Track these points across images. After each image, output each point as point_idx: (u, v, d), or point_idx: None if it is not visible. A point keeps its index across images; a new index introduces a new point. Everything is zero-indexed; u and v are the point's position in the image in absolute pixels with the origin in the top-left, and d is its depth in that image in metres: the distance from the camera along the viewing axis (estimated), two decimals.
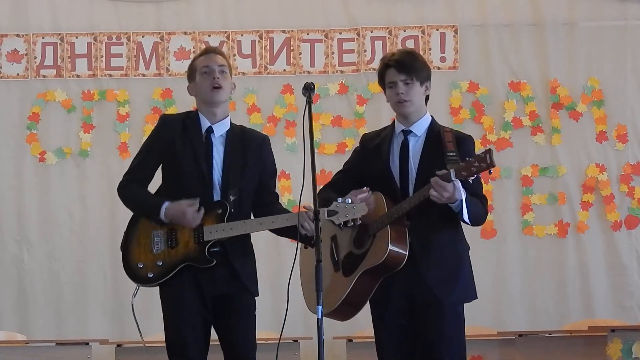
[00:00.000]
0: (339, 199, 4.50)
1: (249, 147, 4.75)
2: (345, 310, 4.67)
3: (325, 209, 4.46)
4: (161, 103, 7.47)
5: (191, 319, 4.61)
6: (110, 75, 7.50)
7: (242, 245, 4.71)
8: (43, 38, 7.49)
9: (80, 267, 7.34)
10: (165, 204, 4.63)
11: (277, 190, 4.92)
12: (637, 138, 7.50)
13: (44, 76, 7.48)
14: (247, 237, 4.73)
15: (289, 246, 7.03)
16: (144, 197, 4.76)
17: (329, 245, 4.76)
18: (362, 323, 4.91)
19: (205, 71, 4.72)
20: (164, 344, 4.76)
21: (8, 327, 7.09)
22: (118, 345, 6.55)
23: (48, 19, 7.51)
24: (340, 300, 4.61)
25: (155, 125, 4.90)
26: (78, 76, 7.49)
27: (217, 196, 4.66)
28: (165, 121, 4.86)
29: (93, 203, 7.39)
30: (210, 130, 4.73)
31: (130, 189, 4.79)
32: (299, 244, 4.56)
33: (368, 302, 4.68)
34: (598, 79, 7.52)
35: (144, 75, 7.51)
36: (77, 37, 7.50)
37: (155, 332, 6.87)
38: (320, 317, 4.13)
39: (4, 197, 7.38)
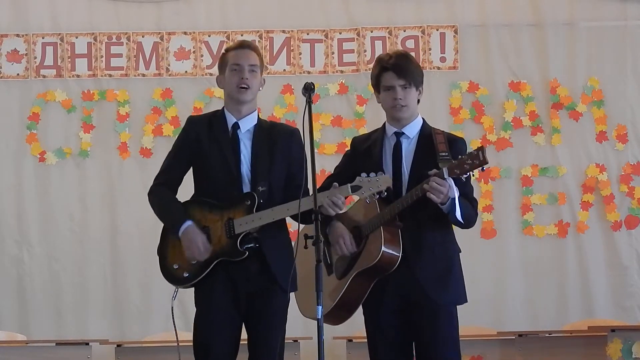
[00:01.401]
0: (363, 174, 4.47)
1: (277, 140, 4.72)
2: (338, 314, 4.66)
3: (349, 184, 4.45)
4: (161, 103, 7.47)
5: (221, 319, 4.58)
6: (110, 75, 7.50)
7: (278, 240, 4.67)
8: (43, 38, 7.49)
9: (80, 267, 7.34)
10: (187, 224, 4.62)
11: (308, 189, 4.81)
12: (637, 138, 7.50)
13: (44, 76, 7.48)
14: (282, 229, 4.71)
15: None
16: (169, 207, 4.72)
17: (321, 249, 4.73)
18: (362, 323, 4.91)
19: (235, 68, 4.70)
20: (164, 344, 4.76)
21: (8, 327, 7.09)
22: (118, 346, 6.54)
23: (48, 19, 7.51)
24: (334, 303, 4.60)
25: (182, 126, 4.88)
26: (78, 76, 7.49)
27: (246, 189, 4.64)
28: (191, 122, 4.84)
29: (93, 203, 7.38)
30: (236, 126, 4.71)
31: (159, 195, 4.77)
32: (298, 243, 4.54)
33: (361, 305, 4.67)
34: (598, 79, 7.52)
35: (144, 75, 7.51)
36: (77, 37, 7.50)
37: (154, 332, 6.91)
38: (320, 317, 4.13)
39: (4, 197, 7.37)
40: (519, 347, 6.34)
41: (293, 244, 4.68)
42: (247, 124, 4.73)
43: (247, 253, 4.57)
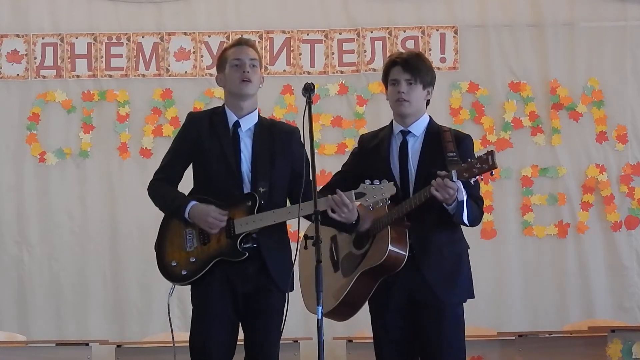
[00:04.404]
0: (367, 181, 4.47)
1: (278, 139, 4.71)
2: (343, 311, 4.68)
3: (353, 191, 4.45)
4: (161, 103, 7.47)
5: (218, 320, 4.57)
6: (110, 76, 7.50)
7: (277, 239, 4.66)
8: (43, 38, 7.49)
9: (80, 267, 7.34)
10: (192, 203, 4.62)
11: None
12: (637, 138, 7.50)
13: (44, 77, 7.48)
14: (282, 230, 4.70)
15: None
16: (172, 194, 4.72)
17: (328, 246, 4.77)
18: (362, 323, 4.91)
19: (236, 64, 4.69)
20: (164, 345, 4.76)
21: (8, 328, 7.09)
22: (118, 346, 6.54)
23: (48, 20, 7.51)
24: (339, 301, 4.62)
25: (182, 124, 4.87)
26: (78, 77, 7.49)
27: (246, 189, 4.62)
28: (192, 119, 4.83)
29: (93, 204, 7.38)
30: (237, 124, 4.70)
31: (159, 187, 4.76)
32: (299, 243, 4.55)
33: (367, 303, 4.68)
34: (598, 80, 7.52)
35: (144, 75, 7.51)
36: (77, 38, 7.50)
37: (154, 332, 6.91)
38: (320, 318, 4.13)
39: (3, 198, 7.37)
40: (519, 348, 6.34)
41: (294, 245, 4.68)
42: (248, 123, 4.72)
43: (246, 254, 4.56)
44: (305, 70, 7.53)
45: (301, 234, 4.55)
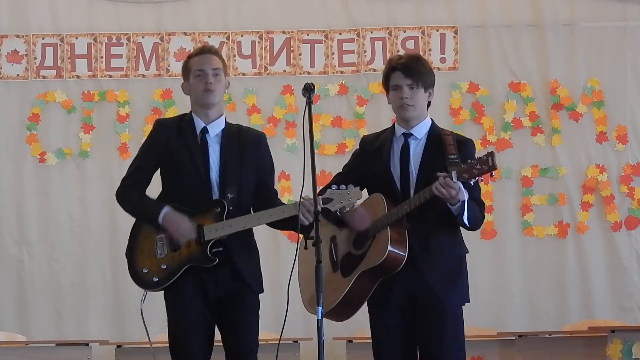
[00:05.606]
0: (333, 186, 4.55)
1: (246, 145, 4.76)
2: (342, 311, 4.68)
3: (320, 197, 4.50)
4: (161, 104, 7.47)
5: (194, 320, 4.63)
6: (110, 76, 7.50)
7: (245, 243, 4.72)
8: (43, 39, 7.49)
9: (80, 268, 7.34)
10: (166, 209, 4.65)
11: (277, 190, 4.93)
12: (637, 139, 7.50)
13: (44, 77, 7.48)
14: (249, 234, 4.75)
15: (289, 246, 7.04)
16: (144, 201, 4.77)
17: (328, 246, 4.78)
18: (362, 323, 4.90)
19: (198, 74, 4.74)
20: (164, 345, 4.77)
21: (8, 328, 7.09)
22: (118, 346, 6.55)
23: (48, 20, 7.51)
24: (338, 301, 4.62)
25: (150, 130, 4.91)
26: (78, 77, 7.49)
27: (215, 195, 4.67)
28: (160, 125, 4.88)
29: (93, 204, 7.38)
30: (205, 130, 4.75)
31: (129, 195, 4.80)
32: (299, 243, 4.56)
33: (366, 303, 4.69)
34: (598, 80, 7.52)
35: (144, 76, 7.51)
36: (77, 38, 7.50)
37: (154, 332, 6.88)
38: (320, 318, 4.14)
39: (4, 198, 7.37)
40: (518, 348, 6.34)
41: (293, 245, 4.69)
42: (215, 129, 4.76)
43: (217, 260, 4.61)
44: (305, 70, 7.53)
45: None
